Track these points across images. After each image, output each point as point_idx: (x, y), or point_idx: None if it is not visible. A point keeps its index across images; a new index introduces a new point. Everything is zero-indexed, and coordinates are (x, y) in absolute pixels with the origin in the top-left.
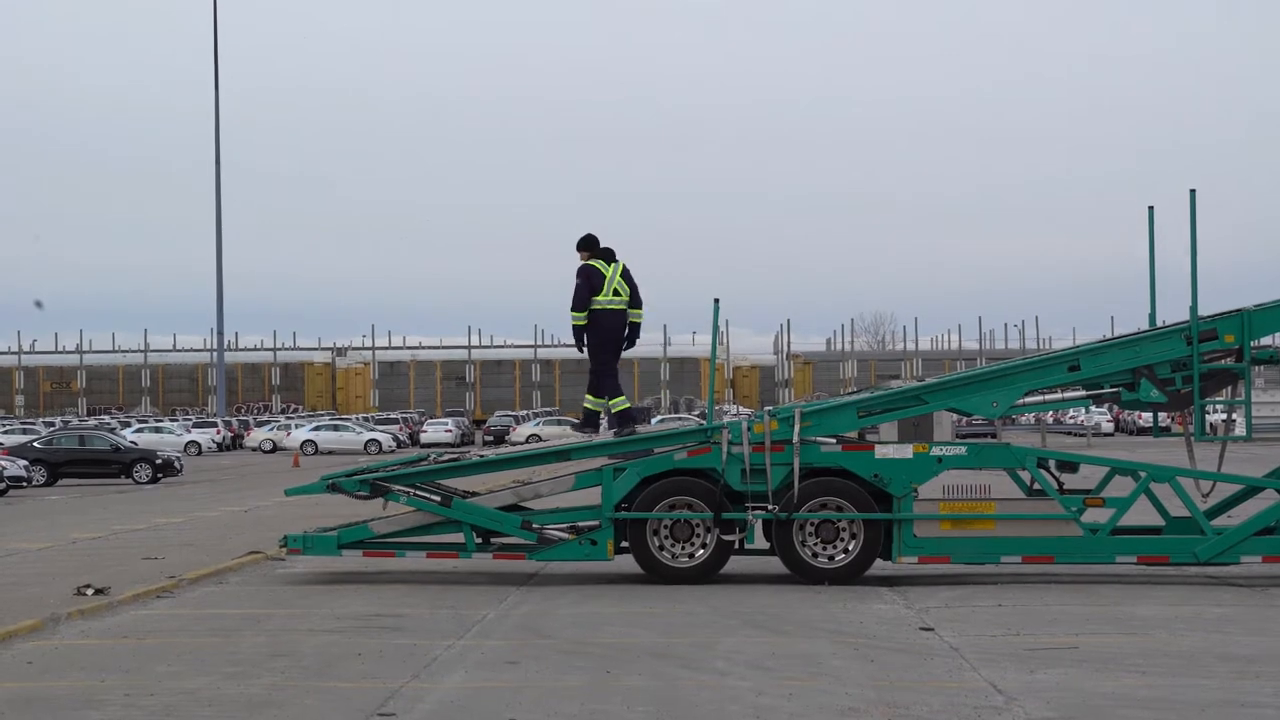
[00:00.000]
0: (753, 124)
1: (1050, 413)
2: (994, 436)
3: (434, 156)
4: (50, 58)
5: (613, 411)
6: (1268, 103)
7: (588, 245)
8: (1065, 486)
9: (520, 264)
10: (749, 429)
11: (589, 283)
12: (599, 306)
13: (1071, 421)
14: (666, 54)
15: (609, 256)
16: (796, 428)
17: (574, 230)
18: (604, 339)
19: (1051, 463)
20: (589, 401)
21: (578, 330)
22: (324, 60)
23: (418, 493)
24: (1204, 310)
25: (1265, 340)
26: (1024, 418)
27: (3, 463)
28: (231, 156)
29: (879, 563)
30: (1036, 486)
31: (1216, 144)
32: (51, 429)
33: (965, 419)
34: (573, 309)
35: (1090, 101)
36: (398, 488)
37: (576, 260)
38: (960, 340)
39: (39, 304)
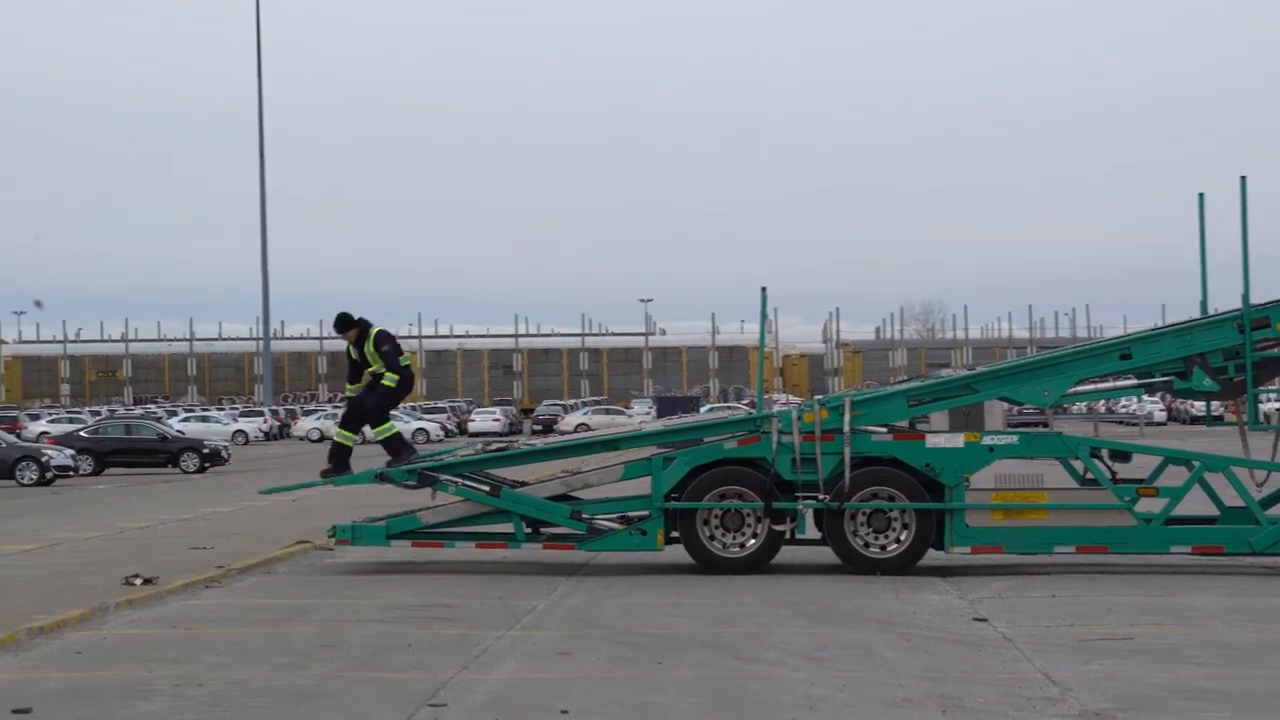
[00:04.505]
0: (803, 113)
1: (1102, 402)
2: (1045, 426)
3: (481, 147)
4: (95, 50)
5: (380, 439)
6: None
7: (356, 323)
8: (1118, 476)
9: (568, 253)
10: (799, 418)
11: (398, 346)
12: (406, 363)
13: (1123, 410)
14: (712, 47)
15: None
16: (847, 416)
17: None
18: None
19: (1104, 452)
20: (342, 436)
21: (392, 390)
22: (375, 48)
23: (466, 482)
24: (1256, 298)
25: None
26: (1075, 407)
27: (50, 452)
28: (277, 145)
29: (931, 553)
30: (1089, 476)
31: (1270, 131)
32: (98, 418)
33: (1016, 408)
34: (393, 370)
35: (1141, 90)
36: (446, 477)
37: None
38: (1010, 329)
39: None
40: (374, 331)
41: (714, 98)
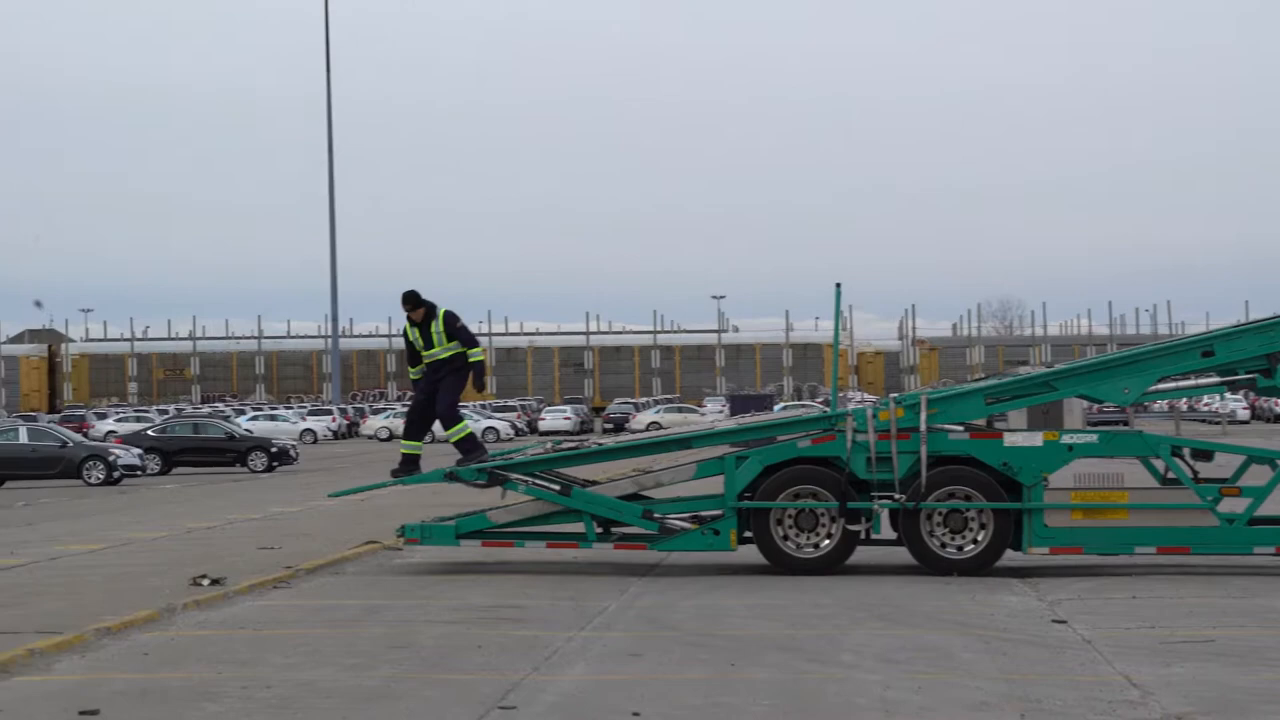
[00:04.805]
0: (878, 109)
1: (1184, 399)
2: (1125, 424)
3: (552, 144)
4: (162, 53)
5: (454, 440)
6: None
7: (424, 303)
8: (1200, 475)
9: (639, 250)
10: (874, 416)
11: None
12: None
13: (1205, 408)
14: (781, 42)
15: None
16: (923, 415)
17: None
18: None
19: (1186, 450)
20: (409, 448)
21: (480, 364)
22: (442, 48)
23: (536, 481)
24: None
25: None
26: (1156, 405)
27: (117, 451)
28: (346, 142)
29: (1009, 554)
30: (1171, 475)
31: None
32: (165, 417)
33: (1096, 406)
34: (473, 344)
35: (1226, 81)
36: (516, 476)
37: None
38: (1090, 325)
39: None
40: (442, 311)
41: (786, 93)
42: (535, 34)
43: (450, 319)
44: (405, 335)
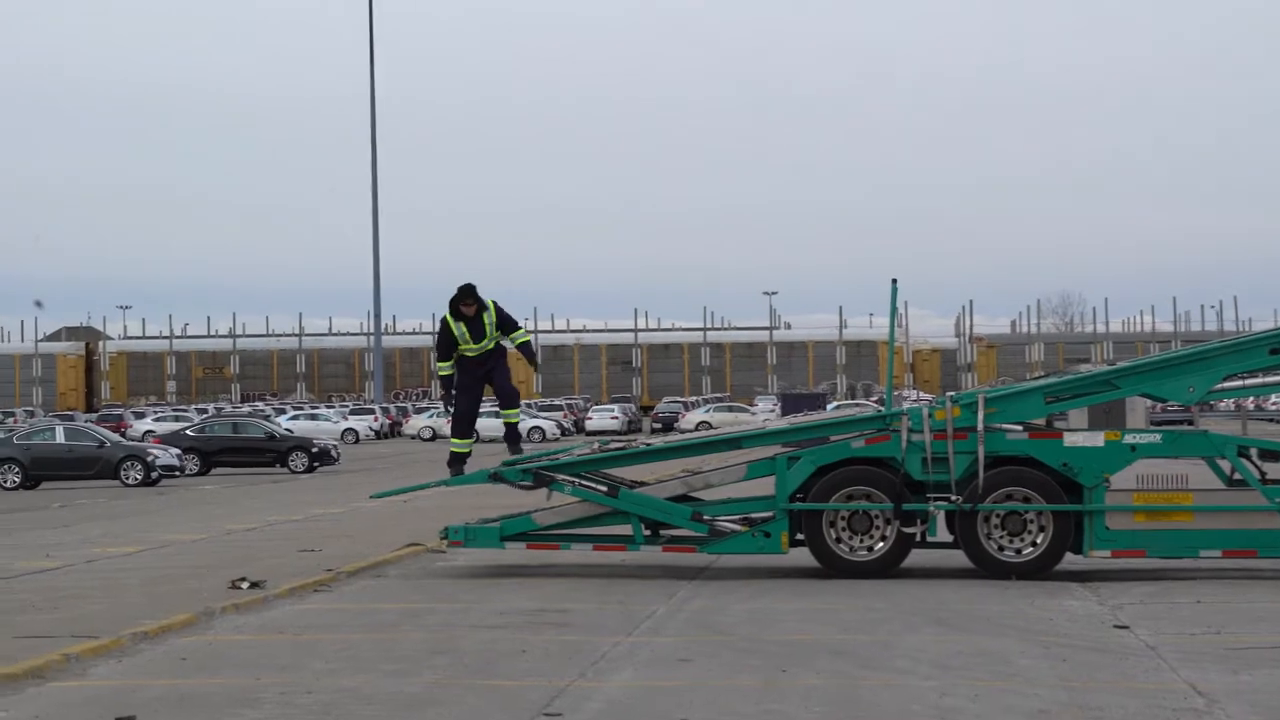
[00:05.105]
0: (930, 102)
1: (1251, 398)
2: (1190, 424)
3: (600, 141)
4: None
5: (513, 422)
6: None
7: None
8: (1269, 476)
9: (689, 245)
10: (930, 415)
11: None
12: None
13: (1274, 408)
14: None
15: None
16: (980, 414)
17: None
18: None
19: (1253, 451)
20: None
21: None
22: (487, 43)
23: (583, 483)
24: None
25: None
26: (1222, 404)
27: (155, 451)
28: (390, 137)
29: (1069, 557)
30: (1237, 476)
31: None
32: (204, 416)
33: (1159, 405)
34: (519, 327)
35: None
36: (562, 477)
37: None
38: (1154, 322)
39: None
40: (491, 302)
41: (838, 87)
42: (586, 26)
43: (499, 308)
44: (447, 330)
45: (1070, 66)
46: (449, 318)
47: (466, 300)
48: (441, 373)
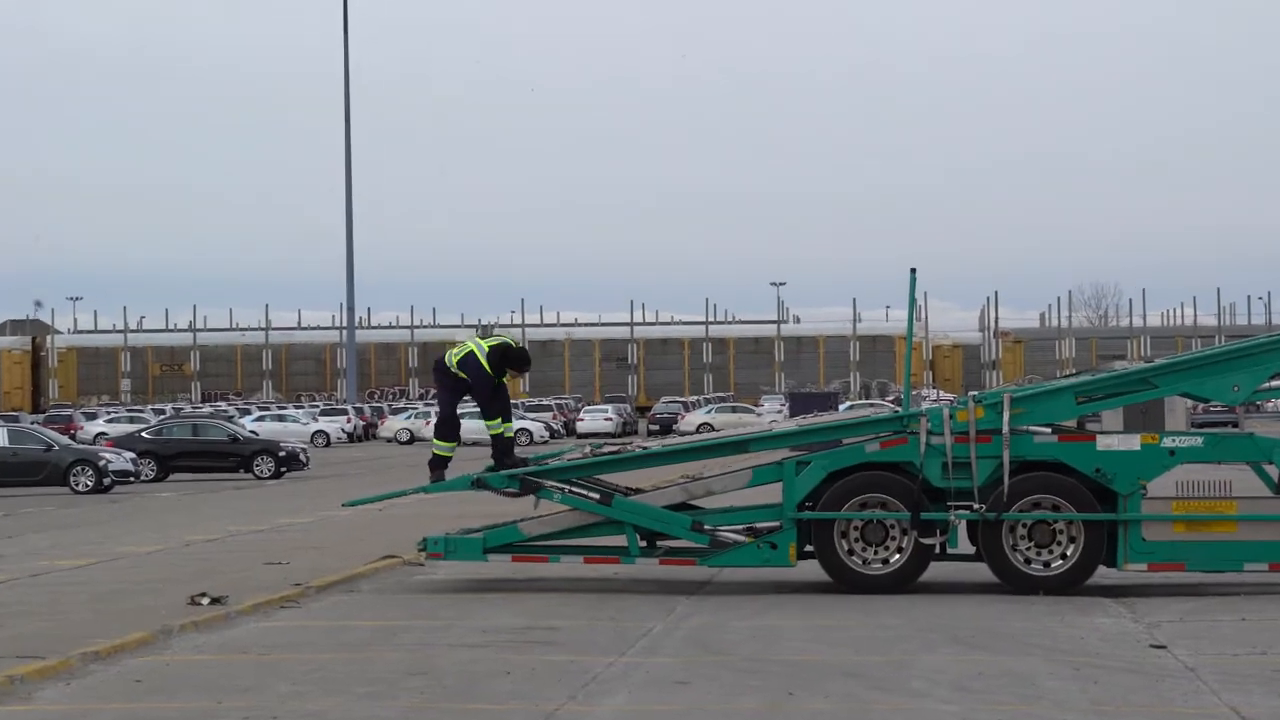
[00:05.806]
0: (956, 83)
1: None
2: (1235, 426)
3: (589, 123)
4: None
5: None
6: None
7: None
8: None
9: (689, 233)
10: (951, 417)
11: None
12: None
13: None
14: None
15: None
16: (1006, 415)
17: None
18: None
19: None
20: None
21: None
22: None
23: (573, 490)
24: None
25: None
26: (1270, 404)
27: (108, 455)
28: (367, 122)
29: (1101, 570)
30: None
31: None
32: (162, 417)
33: (1201, 406)
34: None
35: None
36: (551, 484)
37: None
38: (1195, 315)
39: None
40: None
41: (854, 70)
42: (577, 8)
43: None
44: (486, 375)
45: (1102, 30)
46: (486, 364)
47: (524, 370)
48: (492, 432)
